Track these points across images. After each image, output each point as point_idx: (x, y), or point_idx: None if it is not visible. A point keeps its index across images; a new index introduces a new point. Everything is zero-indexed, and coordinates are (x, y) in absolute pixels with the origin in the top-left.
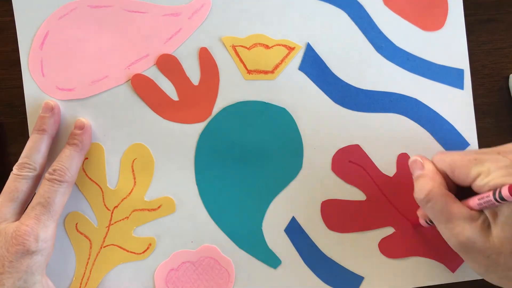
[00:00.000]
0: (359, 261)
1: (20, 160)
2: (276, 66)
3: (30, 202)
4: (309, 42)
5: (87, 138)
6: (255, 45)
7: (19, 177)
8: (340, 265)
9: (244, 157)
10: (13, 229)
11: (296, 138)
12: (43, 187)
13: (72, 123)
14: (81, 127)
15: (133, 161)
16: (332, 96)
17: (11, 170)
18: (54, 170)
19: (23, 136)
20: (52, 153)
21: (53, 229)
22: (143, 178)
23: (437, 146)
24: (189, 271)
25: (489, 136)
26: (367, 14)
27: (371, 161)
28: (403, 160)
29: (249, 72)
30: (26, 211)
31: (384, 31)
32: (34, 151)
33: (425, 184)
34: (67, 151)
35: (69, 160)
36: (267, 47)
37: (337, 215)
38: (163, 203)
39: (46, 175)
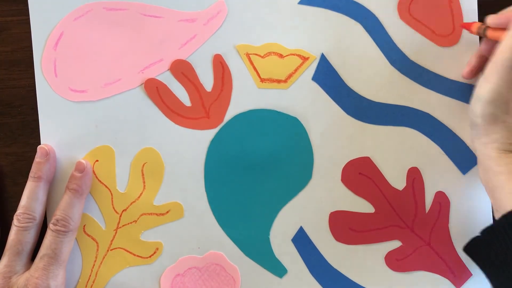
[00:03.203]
0: (365, 273)
1: (19, 210)
2: (290, 76)
3: (34, 248)
4: (323, 53)
5: (87, 181)
6: (269, 53)
7: (20, 229)
8: (346, 276)
9: (254, 165)
10: (24, 283)
11: (306, 148)
12: (49, 238)
13: (79, 129)
14: (81, 170)
15: (143, 165)
16: (344, 108)
17: (11, 167)
18: (57, 220)
19: (23, 136)
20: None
21: (62, 275)
22: (153, 182)
23: (448, 161)
24: (195, 276)
25: None
26: (382, 27)
27: (381, 174)
28: (413, 174)
29: (262, 80)
30: (34, 261)
31: (398, 44)
32: (32, 200)
33: None
34: (67, 198)
35: (70, 208)
36: (281, 56)
37: (345, 227)
38: (171, 208)
39: (50, 225)
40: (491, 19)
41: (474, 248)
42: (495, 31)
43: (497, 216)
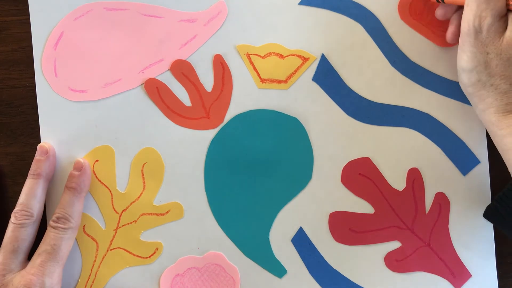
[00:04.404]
0: (365, 274)
1: (17, 207)
2: (290, 76)
3: (31, 248)
4: (324, 53)
5: (86, 180)
6: (269, 54)
7: (17, 226)
8: (346, 277)
9: (254, 165)
10: (19, 280)
11: (306, 148)
12: (49, 234)
13: (81, 129)
14: (79, 168)
15: (143, 165)
16: (344, 108)
17: (11, 167)
18: (57, 218)
19: (24, 136)
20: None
21: (59, 274)
22: (153, 182)
23: (448, 162)
24: (194, 277)
25: (489, 136)
26: (383, 27)
27: (381, 174)
28: (413, 174)
29: (263, 81)
30: (32, 258)
31: (399, 45)
32: (30, 196)
33: None
34: (66, 197)
35: (70, 207)
36: (281, 56)
37: (344, 227)
38: (171, 208)
39: (51, 222)
40: None
41: (492, 213)
42: None
43: None
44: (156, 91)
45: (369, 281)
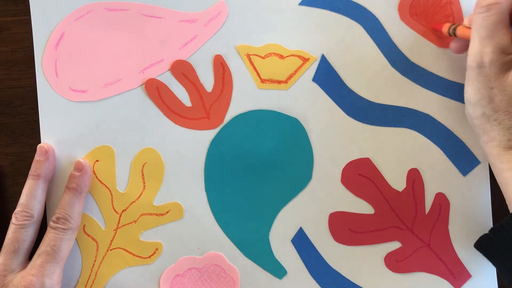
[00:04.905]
0: (365, 274)
1: (17, 208)
2: (290, 76)
3: (32, 248)
4: (324, 54)
5: (86, 180)
6: (269, 54)
7: (18, 227)
8: (346, 277)
9: (254, 166)
10: (19, 280)
11: (306, 149)
12: (48, 235)
13: (82, 129)
14: (80, 169)
15: (143, 165)
16: (344, 109)
17: (11, 167)
18: (57, 219)
19: (23, 136)
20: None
21: (58, 274)
22: (153, 182)
23: (448, 163)
24: (194, 277)
25: None
26: (383, 28)
27: (381, 175)
28: (413, 175)
29: (263, 81)
30: (32, 259)
31: (399, 45)
32: (30, 197)
33: None
34: (67, 197)
35: (70, 207)
36: (281, 57)
37: (344, 228)
38: (171, 209)
39: (51, 223)
40: (467, 20)
41: (485, 244)
42: (462, 30)
43: (511, 211)
44: (156, 91)
45: (369, 281)
